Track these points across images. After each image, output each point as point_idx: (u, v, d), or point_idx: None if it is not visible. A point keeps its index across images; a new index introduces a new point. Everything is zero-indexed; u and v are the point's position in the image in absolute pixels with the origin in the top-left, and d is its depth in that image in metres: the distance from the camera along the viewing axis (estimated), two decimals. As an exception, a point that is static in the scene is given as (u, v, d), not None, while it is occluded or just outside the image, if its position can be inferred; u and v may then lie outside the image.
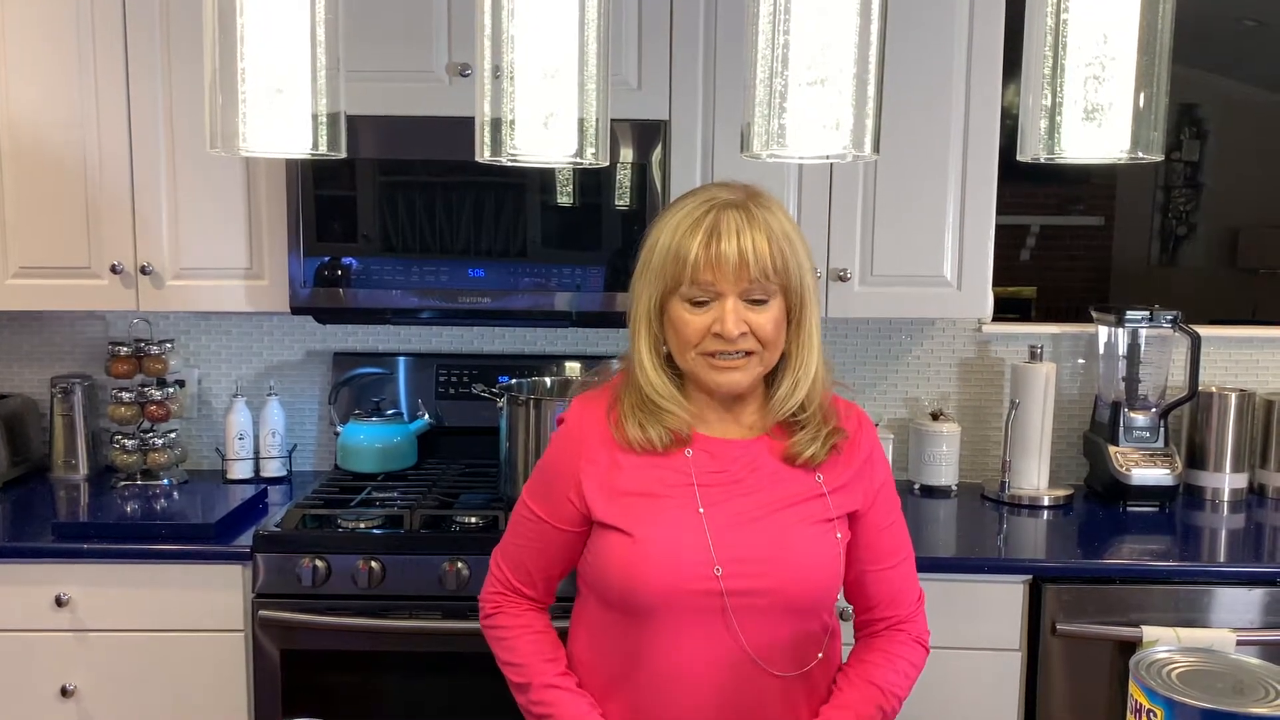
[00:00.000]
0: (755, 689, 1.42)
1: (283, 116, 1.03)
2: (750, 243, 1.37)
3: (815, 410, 1.47)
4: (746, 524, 1.42)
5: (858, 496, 1.49)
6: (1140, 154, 0.97)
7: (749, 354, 1.42)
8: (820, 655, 1.47)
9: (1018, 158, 1.02)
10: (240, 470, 2.69)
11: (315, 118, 1.07)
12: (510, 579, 1.53)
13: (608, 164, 1.11)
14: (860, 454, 1.50)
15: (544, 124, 1.03)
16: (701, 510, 1.42)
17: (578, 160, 1.06)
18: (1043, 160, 1.00)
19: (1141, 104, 0.95)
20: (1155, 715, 0.97)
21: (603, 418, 1.48)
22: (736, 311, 1.39)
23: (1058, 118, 0.97)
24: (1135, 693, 1.00)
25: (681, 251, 1.39)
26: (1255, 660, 1.04)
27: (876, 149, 1.01)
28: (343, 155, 1.09)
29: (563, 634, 1.55)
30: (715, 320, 1.39)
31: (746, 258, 1.37)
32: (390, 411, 2.66)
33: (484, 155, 1.06)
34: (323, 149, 1.05)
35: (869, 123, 0.98)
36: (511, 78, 1.03)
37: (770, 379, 1.49)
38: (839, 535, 1.46)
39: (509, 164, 1.06)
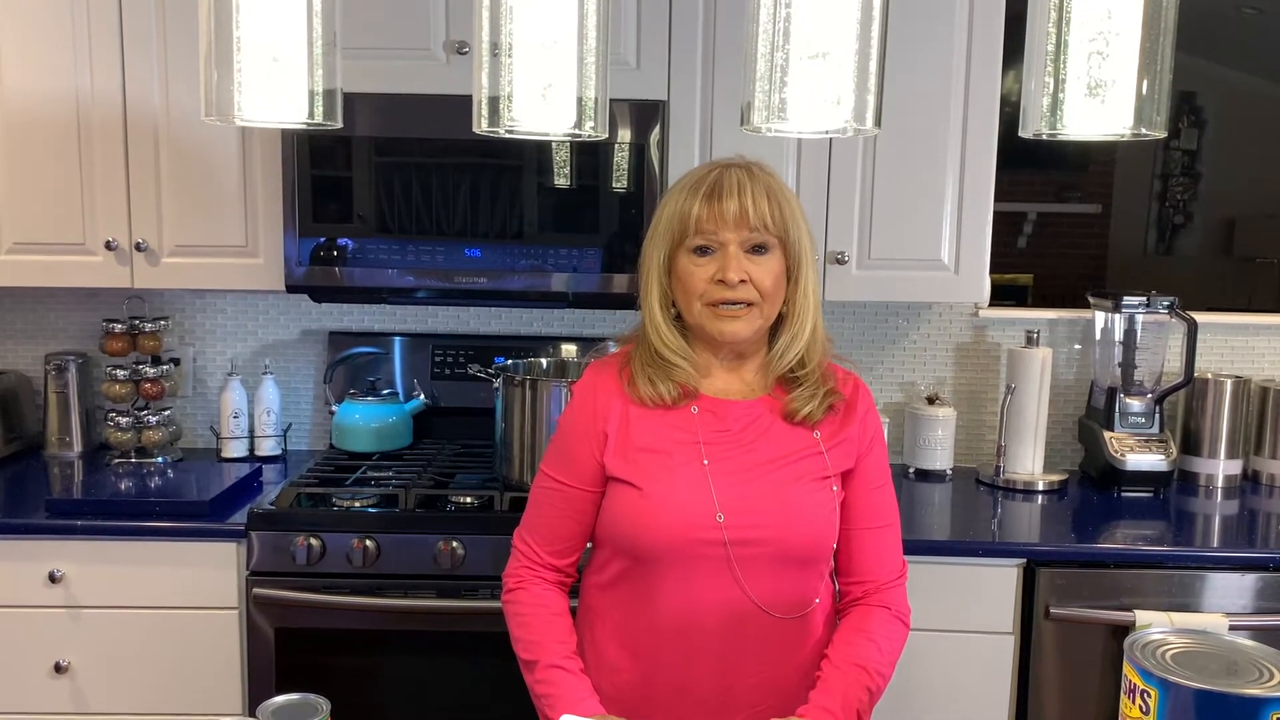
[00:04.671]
0: (758, 631, 1.50)
1: (279, 86, 1.02)
2: (750, 197, 1.48)
3: (814, 369, 1.56)
4: (748, 478, 1.50)
5: (851, 455, 1.56)
6: (1144, 131, 0.96)
7: (749, 305, 1.50)
8: (817, 600, 1.55)
9: (1020, 134, 1.01)
10: (235, 449, 2.68)
11: (311, 92, 1.06)
12: (538, 552, 1.58)
13: (606, 137, 1.10)
14: (855, 415, 1.58)
15: (542, 96, 1.02)
16: (706, 463, 1.50)
17: (576, 133, 1.05)
18: (1045, 136, 0.99)
19: (1145, 81, 0.95)
20: (1149, 696, 0.97)
21: (614, 376, 1.57)
22: (738, 259, 1.48)
23: (1060, 94, 0.96)
24: (1130, 673, 1.00)
25: (687, 207, 1.50)
26: (1249, 642, 1.04)
27: (878, 124, 1.00)
28: (339, 125, 1.08)
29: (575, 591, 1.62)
30: (719, 269, 1.48)
31: (746, 208, 1.47)
32: (386, 391, 2.65)
33: (481, 127, 1.05)
34: (319, 119, 1.04)
35: (870, 98, 0.97)
36: (510, 50, 1.02)
37: (771, 339, 1.56)
38: (835, 489, 1.54)
39: (507, 136, 1.05)
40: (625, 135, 2.31)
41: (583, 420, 1.56)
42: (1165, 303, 2.60)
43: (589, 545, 1.62)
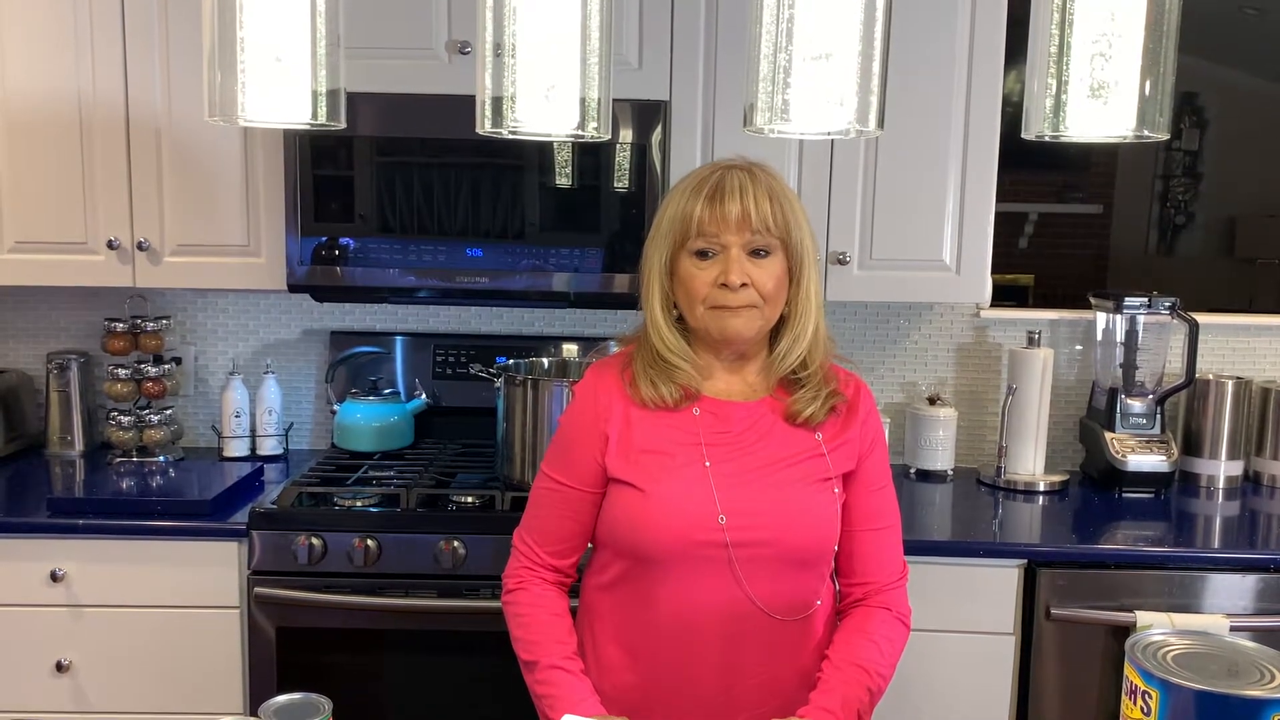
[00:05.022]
0: (759, 632, 1.50)
1: (282, 86, 1.02)
2: (753, 199, 1.47)
3: (816, 371, 1.56)
4: (750, 480, 1.50)
5: (853, 457, 1.56)
6: (1146, 133, 0.96)
7: (750, 306, 1.49)
8: (819, 602, 1.55)
9: (1023, 135, 1.01)
10: (236, 448, 2.69)
11: (315, 93, 1.06)
12: (538, 553, 1.58)
13: (609, 138, 1.10)
14: (857, 417, 1.58)
15: (545, 96, 1.02)
16: (707, 464, 1.50)
17: (579, 134, 1.05)
18: (1048, 138, 0.99)
19: (1148, 83, 0.95)
20: (1150, 697, 0.97)
21: (616, 377, 1.57)
22: (740, 262, 1.48)
23: (1063, 96, 0.96)
24: (1131, 674, 1.00)
25: (689, 208, 1.49)
26: (1250, 643, 1.04)
27: (881, 125, 1.00)
28: (342, 126, 1.08)
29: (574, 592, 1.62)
30: (720, 272, 1.48)
31: (749, 210, 1.47)
32: (387, 391, 2.65)
33: (485, 127, 1.05)
34: (322, 119, 1.05)
35: (873, 99, 0.97)
36: (513, 51, 1.02)
37: (773, 341, 1.57)
38: (836, 491, 1.54)
39: (510, 136, 1.06)
40: (627, 135, 2.31)
41: (584, 421, 1.55)
42: (1166, 303, 2.60)
43: (589, 546, 1.62)
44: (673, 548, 1.47)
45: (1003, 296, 2.85)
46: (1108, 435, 2.58)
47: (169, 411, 2.70)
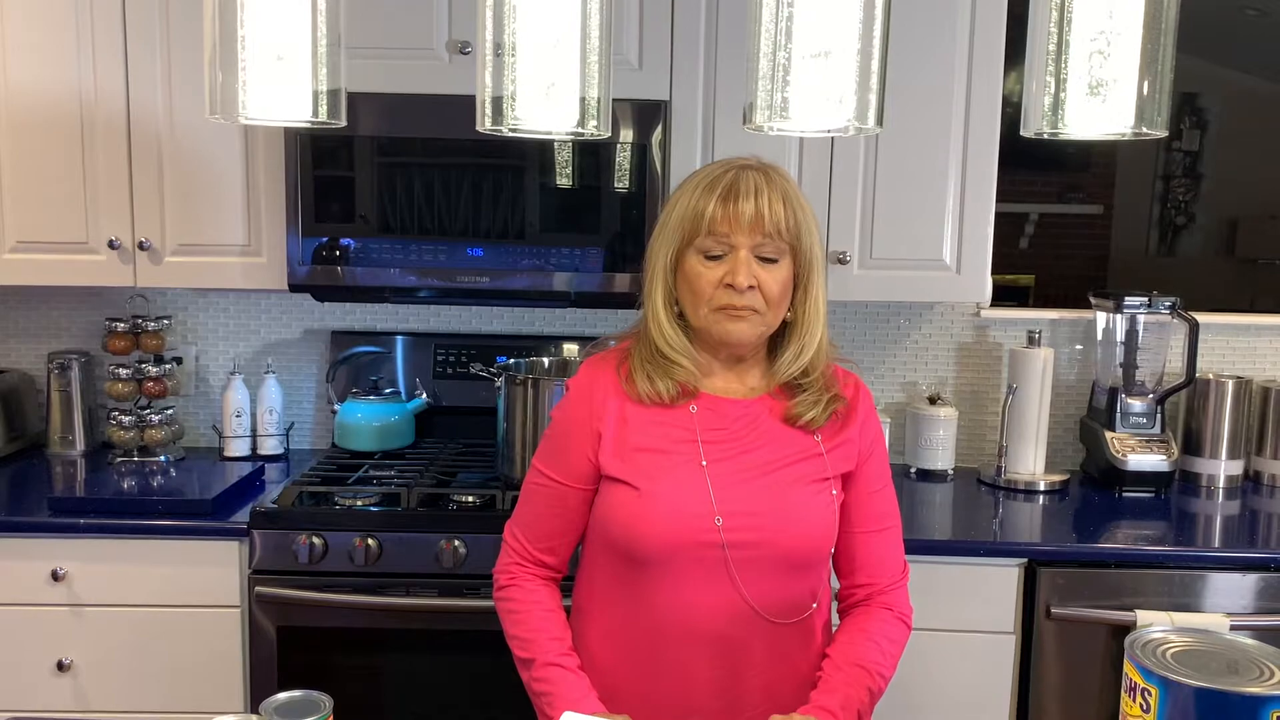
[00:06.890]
0: (753, 635, 1.49)
1: (283, 84, 1.03)
2: (766, 201, 1.45)
3: (818, 377, 1.54)
4: (747, 480, 1.48)
5: (852, 457, 1.55)
6: (1145, 130, 0.96)
7: (754, 311, 1.47)
8: (815, 605, 1.54)
9: (1021, 133, 1.01)
10: (237, 447, 2.69)
11: (316, 91, 1.06)
12: (529, 549, 1.56)
13: (609, 136, 1.10)
14: (856, 418, 1.56)
15: (545, 95, 1.02)
16: (704, 464, 1.47)
17: (579, 132, 1.06)
18: (1046, 135, 1.00)
19: (1146, 81, 0.95)
20: (1150, 694, 0.97)
21: (612, 373, 1.54)
22: (748, 264, 1.45)
23: (1062, 93, 0.96)
24: (1130, 671, 1.00)
25: (700, 205, 1.46)
26: (1250, 640, 1.04)
27: (880, 123, 1.00)
28: (343, 124, 1.08)
29: (568, 589, 1.60)
30: (727, 273, 1.45)
31: (762, 212, 1.44)
32: (388, 390, 2.66)
33: (485, 126, 1.05)
34: (323, 117, 1.05)
35: (873, 97, 0.97)
36: (513, 50, 1.03)
37: (776, 345, 1.55)
38: (834, 492, 1.52)
39: (510, 135, 1.06)
40: (627, 135, 2.31)
41: (577, 417, 1.53)
42: (1167, 303, 2.60)
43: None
44: (668, 549, 1.45)
45: (1003, 296, 2.85)
46: (1108, 435, 2.58)
47: (170, 411, 2.70)
